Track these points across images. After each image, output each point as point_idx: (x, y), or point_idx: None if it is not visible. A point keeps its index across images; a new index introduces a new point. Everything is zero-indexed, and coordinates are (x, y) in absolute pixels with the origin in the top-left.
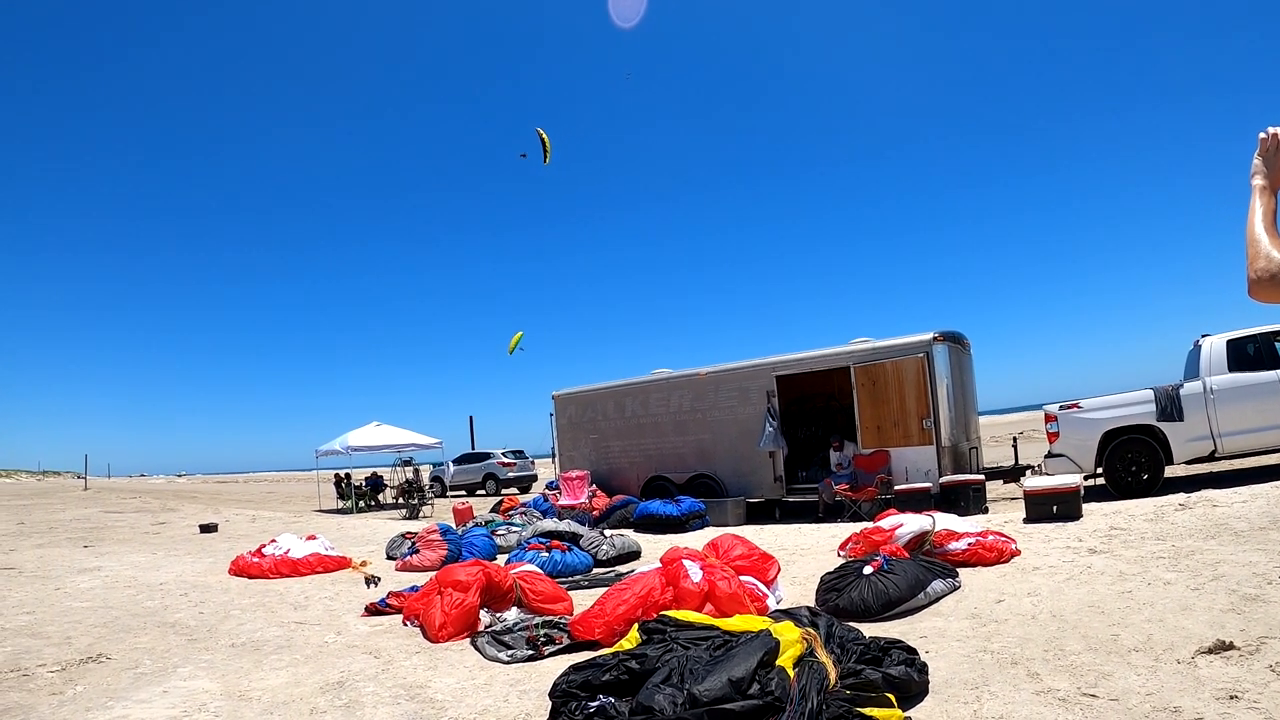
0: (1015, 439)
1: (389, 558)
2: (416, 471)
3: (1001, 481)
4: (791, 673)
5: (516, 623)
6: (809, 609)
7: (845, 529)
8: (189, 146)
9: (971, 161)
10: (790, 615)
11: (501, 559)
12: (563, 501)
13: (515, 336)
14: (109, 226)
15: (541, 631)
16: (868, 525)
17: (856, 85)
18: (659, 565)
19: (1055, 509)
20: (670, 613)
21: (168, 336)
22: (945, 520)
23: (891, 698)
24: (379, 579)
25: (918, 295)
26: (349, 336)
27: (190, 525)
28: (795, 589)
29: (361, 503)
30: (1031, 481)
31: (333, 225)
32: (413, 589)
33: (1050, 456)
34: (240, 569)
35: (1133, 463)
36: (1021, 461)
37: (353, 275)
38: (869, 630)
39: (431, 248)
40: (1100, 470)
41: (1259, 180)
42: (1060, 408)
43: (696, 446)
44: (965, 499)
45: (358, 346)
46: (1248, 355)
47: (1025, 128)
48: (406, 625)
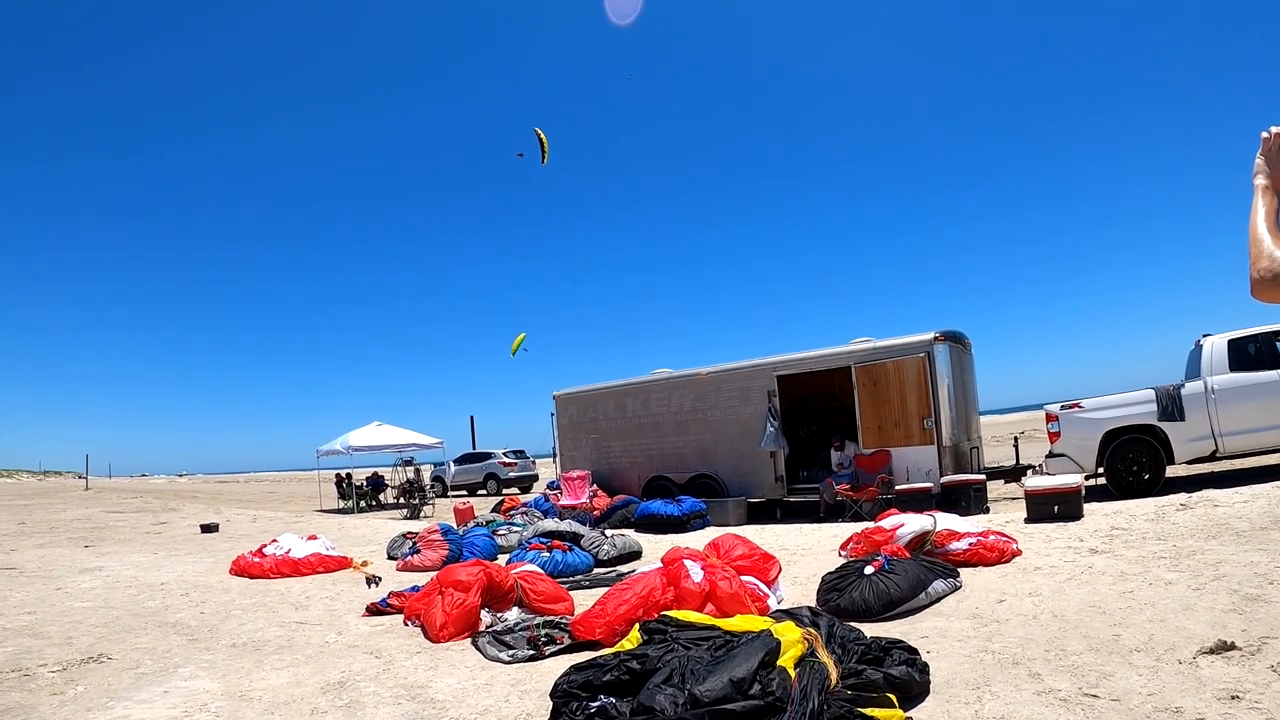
0: (1016, 439)
1: (390, 558)
2: (418, 471)
3: (1003, 481)
4: (793, 673)
5: (518, 623)
6: (810, 609)
7: (846, 529)
8: (188, 145)
9: (971, 161)
10: (791, 615)
11: (502, 559)
12: (564, 501)
13: (518, 338)
14: (109, 225)
15: (543, 631)
16: (869, 525)
17: (856, 85)
18: (660, 565)
19: (1056, 509)
20: (671, 613)
21: (168, 336)
22: (946, 520)
23: (893, 698)
24: (380, 579)
25: (918, 295)
26: (349, 336)
27: (191, 525)
28: (796, 589)
29: (362, 503)
30: (1032, 481)
31: (333, 224)
32: (414, 589)
33: (1051, 456)
34: (241, 569)
35: (1134, 462)
36: (1023, 461)
37: (353, 274)
38: (870, 630)
39: (432, 247)
40: (1101, 470)
41: (1261, 180)
42: (1061, 407)
43: (697, 446)
44: (966, 499)
45: (358, 346)
46: (1249, 355)
47: (1025, 127)
48: (407, 625)
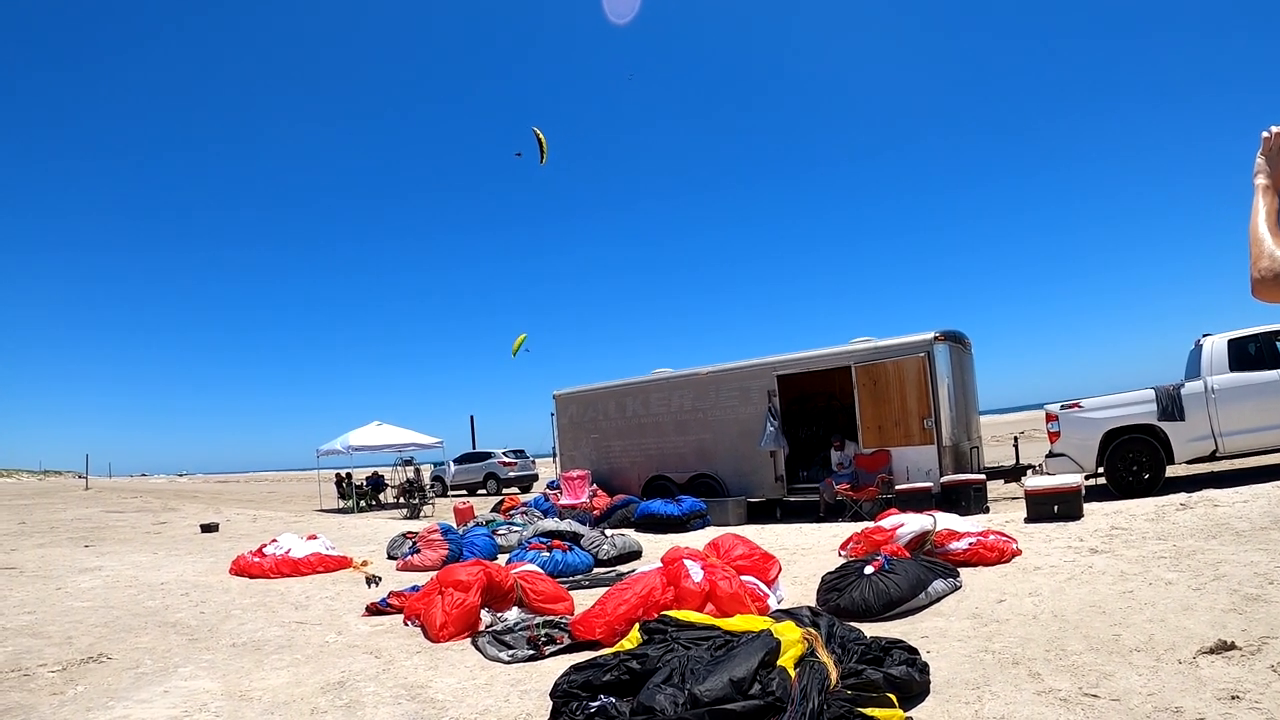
0: (1016, 438)
1: (390, 557)
2: (417, 471)
3: (1002, 481)
4: (793, 673)
5: (517, 622)
6: (810, 609)
7: (846, 529)
8: (188, 145)
9: (971, 161)
10: (791, 615)
11: (502, 559)
12: (564, 501)
13: (519, 339)
14: (109, 225)
15: (542, 631)
16: (869, 525)
17: (856, 85)
18: (660, 565)
19: (1056, 509)
20: (671, 612)
21: (168, 336)
22: (946, 520)
23: (893, 698)
24: (380, 579)
25: (918, 295)
26: (349, 335)
27: (191, 525)
28: (796, 589)
29: (362, 502)
30: (1032, 481)
31: (333, 224)
32: (414, 589)
33: (1051, 456)
34: (241, 569)
35: (1134, 462)
36: (1022, 461)
37: (353, 274)
38: (870, 630)
39: (432, 247)
40: (1101, 470)
41: (1261, 179)
42: (1061, 407)
43: (697, 446)
44: (966, 499)
45: (358, 345)
46: (1249, 355)
47: (1025, 128)
48: (407, 625)
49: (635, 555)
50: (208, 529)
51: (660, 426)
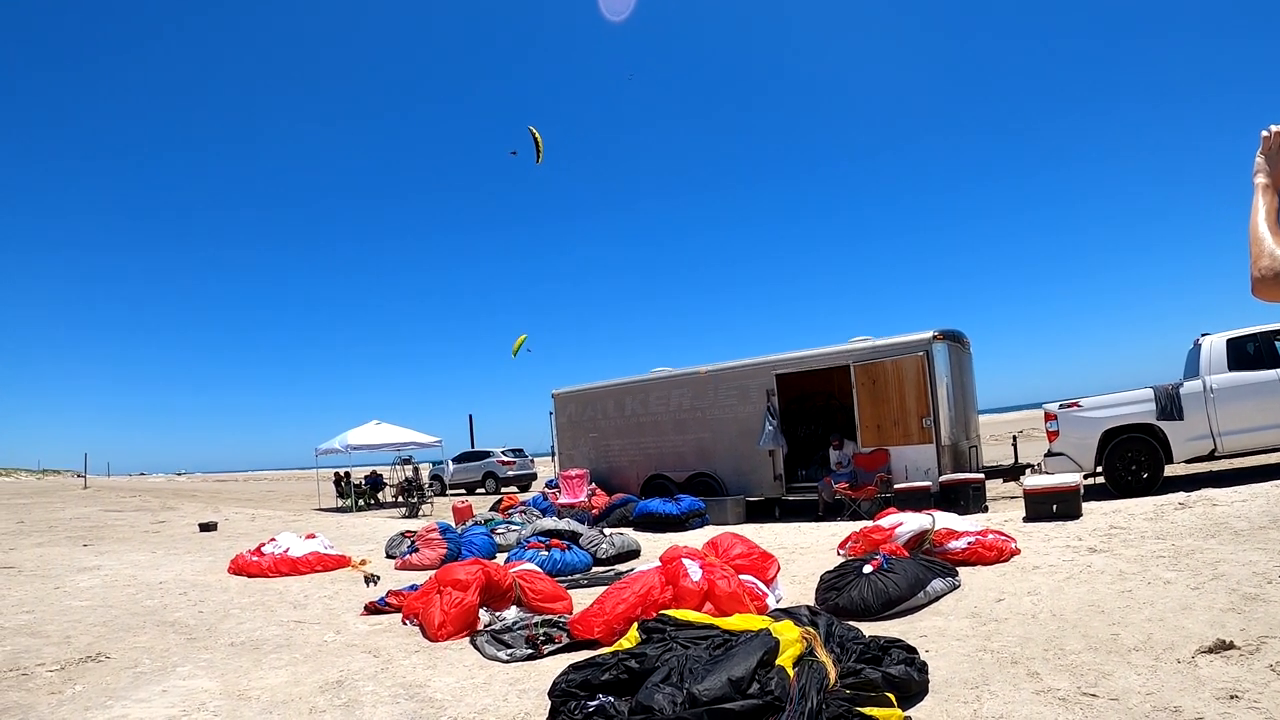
0: (1015, 438)
1: (388, 556)
2: (416, 470)
3: (1001, 480)
4: (791, 672)
5: (516, 622)
6: (809, 608)
7: (845, 528)
8: (188, 145)
9: (971, 161)
10: (790, 614)
11: (501, 558)
12: (562, 500)
13: (519, 339)
14: (109, 225)
15: (541, 630)
16: (867, 524)
17: (856, 85)
18: (658, 564)
19: (1055, 508)
20: (670, 612)
21: (168, 335)
22: (945, 519)
23: (891, 697)
24: (378, 578)
25: (917, 294)
26: (349, 335)
27: (190, 524)
28: (795, 588)
29: (361, 501)
30: (1031, 480)
31: (333, 224)
32: (412, 588)
33: (1050, 455)
34: (239, 568)
35: (1132, 461)
36: (1021, 460)
37: (353, 274)
38: (869, 629)
39: (432, 247)
40: (1100, 469)
41: (1261, 179)
42: (1060, 406)
43: (696, 445)
44: (965, 498)
45: (358, 345)
46: (1248, 354)
47: (1025, 128)
48: (406, 624)
49: (634, 554)
50: (206, 528)
51: (659, 425)
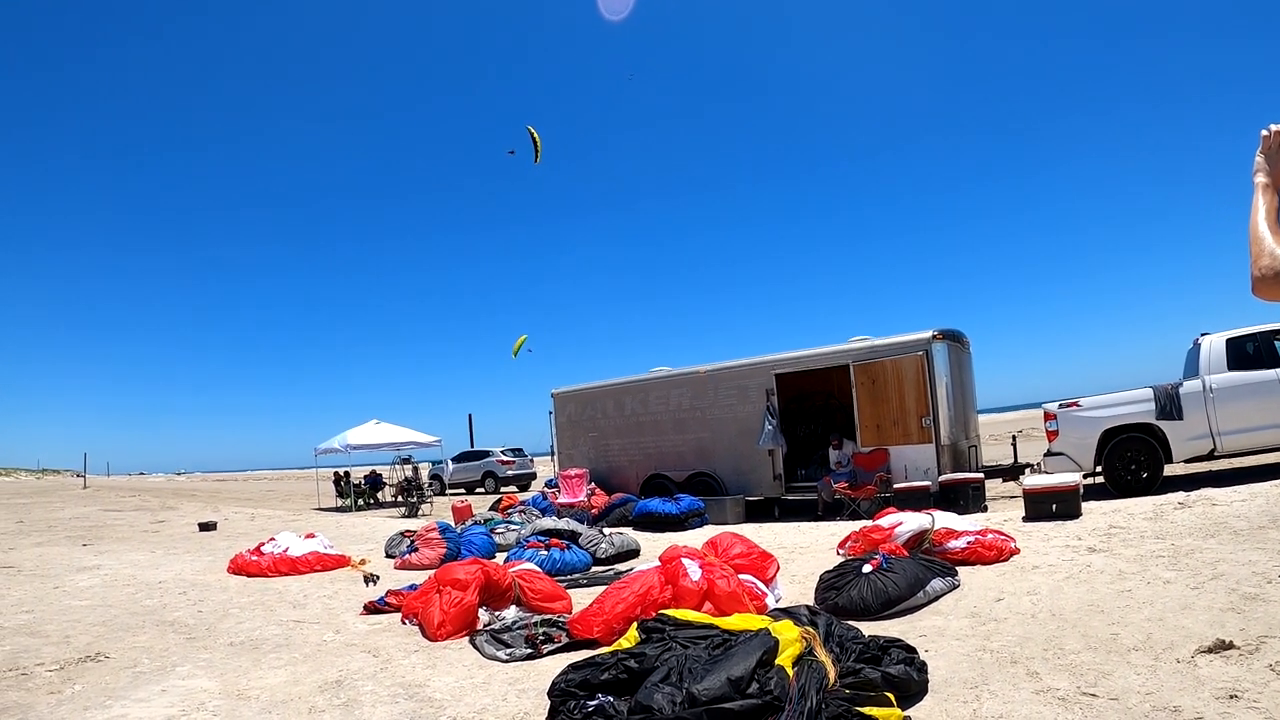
0: (1014, 437)
1: (388, 556)
2: (415, 469)
3: (1001, 480)
4: (790, 672)
5: (515, 621)
6: (808, 607)
7: (844, 527)
8: (188, 145)
9: (971, 161)
10: (789, 614)
11: (500, 557)
12: (562, 499)
13: (519, 340)
14: (108, 224)
15: (540, 630)
16: (867, 523)
17: (856, 85)
18: (658, 564)
19: (1054, 507)
20: (669, 611)
21: (167, 335)
22: (944, 519)
23: (891, 697)
24: (378, 577)
25: (917, 294)
26: (349, 335)
27: (189, 523)
28: (794, 587)
29: (360, 501)
30: (1031, 480)
31: (332, 224)
32: (411, 587)
33: (1049, 455)
34: (239, 567)
35: (1132, 461)
36: (1021, 460)
37: (352, 274)
38: (868, 629)
39: (431, 246)
40: (1099, 469)
41: (1261, 178)
42: (1059, 406)
43: (696, 444)
44: (964, 497)
45: (357, 345)
46: (1247, 354)
47: (1025, 127)
48: (405, 624)
49: (633, 554)
50: (206, 527)
51: (658, 425)
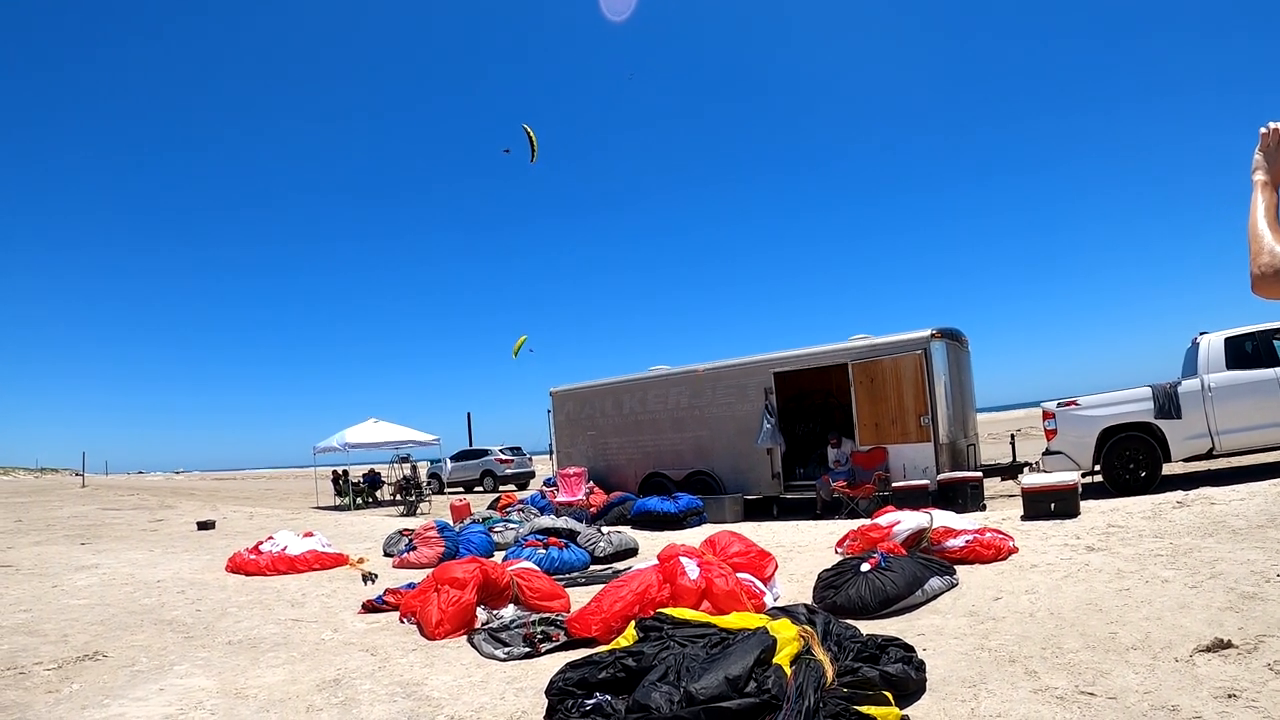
0: (1013, 436)
1: (386, 555)
2: (414, 468)
3: (999, 479)
4: (788, 670)
5: (513, 620)
6: (806, 606)
7: (843, 526)
8: (187, 145)
9: (971, 159)
10: (787, 613)
11: (499, 556)
12: (560, 498)
13: (519, 340)
14: (108, 223)
15: (538, 629)
16: (865, 522)
17: (856, 84)
18: (656, 562)
19: (1053, 506)
20: (667, 610)
21: (166, 334)
22: (943, 517)
23: (889, 695)
24: (376, 576)
25: (916, 292)
26: (348, 334)
27: (188, 522)
28: (793, 586)
29: (359, 499)
30: (1029, 479)
31: (330, 222)
32: (410, 586)
33: (1048, 454)
34: (237, 566)
35: (1131, 460)
36: (1019, 459)
37: (352, 273)
38: (866, 628)
39: (430, 245)
40: (1098, 468)
41: (1260, 175)
42: (1058, 405)
43: (694, 443)
44: (963, 496)
45: (356, 344)
46: (1246, 353)
47: (1025, 127)
48: (403, 622)
49: (632, 552)
50: (204, 526)
51: (657, 424)
